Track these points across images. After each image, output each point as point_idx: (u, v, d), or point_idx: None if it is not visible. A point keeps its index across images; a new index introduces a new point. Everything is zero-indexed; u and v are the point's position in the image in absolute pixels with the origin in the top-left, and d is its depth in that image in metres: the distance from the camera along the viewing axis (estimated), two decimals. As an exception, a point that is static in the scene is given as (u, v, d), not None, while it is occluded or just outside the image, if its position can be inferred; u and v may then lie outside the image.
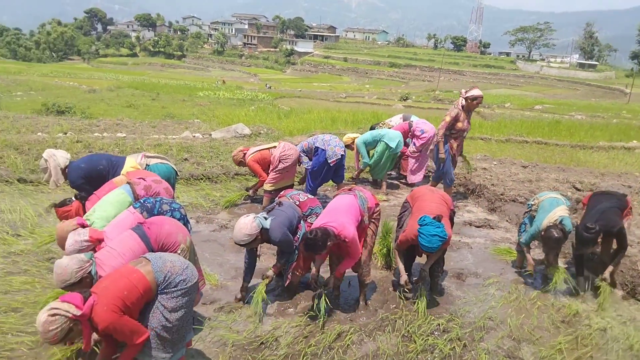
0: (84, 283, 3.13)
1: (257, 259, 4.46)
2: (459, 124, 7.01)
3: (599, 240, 4.76)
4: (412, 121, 8.51)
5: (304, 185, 7.22)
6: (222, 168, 8.45)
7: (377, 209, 4.75)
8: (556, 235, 4.67)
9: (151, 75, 59.85)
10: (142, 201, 4.11)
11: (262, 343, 3.87)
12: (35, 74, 44.07)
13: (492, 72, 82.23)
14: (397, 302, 4.58)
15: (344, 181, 7.36)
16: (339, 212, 4.26)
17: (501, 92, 50.06)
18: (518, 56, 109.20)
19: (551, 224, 4.76)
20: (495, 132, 15.08)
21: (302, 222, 4.61)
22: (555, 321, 4.40)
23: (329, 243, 3.95)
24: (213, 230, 6.07)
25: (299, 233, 4.48)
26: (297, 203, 4.72)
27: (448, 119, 6.97)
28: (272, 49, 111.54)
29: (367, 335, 4.07)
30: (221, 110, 21.27)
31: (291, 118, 17.64)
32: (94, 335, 3.01)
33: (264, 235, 4.21)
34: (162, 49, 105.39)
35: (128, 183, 4.40)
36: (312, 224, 4.46)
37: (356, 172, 8.27)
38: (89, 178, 4.82)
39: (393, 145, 7.72)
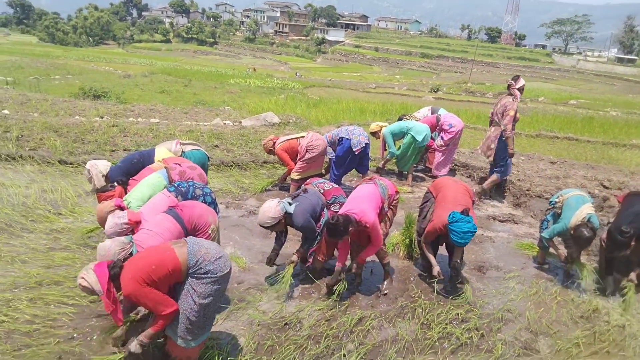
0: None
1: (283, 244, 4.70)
2: (518, 115, 7.09)
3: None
4: (439, 115, 8.54)
5: (328, 174, 7.37)
6: (251, 156, 8.66)
7: (397, 196, 4.95)
8: (587, 235, 4.70)
9: (184, 61, 60.67)
10: (176, 185, 4.34)
11: (286, 324, 4.07)
12: (73, 58, 45.24)
13: (527, 65, 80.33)
14: (416, 292, 4.71)
15: (368, 171, 7.47)
16: (361, 200, 4.45)
17: (535, 86, 48.97)
18: (554, 49, 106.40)
19: (580, 223, 4.78)
20: (527, 127, 14.91)
21: (325, 210, 4.78)
22: (574, 316, 4.47)
23: (350, 229, 4.12)
24: (242, 216, 6.29)
25: (321, 220, 4.64)
26: (322, 191, 4.88)
27: (512, 112, 6.93)
28: (303, 38, 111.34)
29: (387, 321, 4.22)
30: (251, 98, 21.56)
31: (320, 107, 17.78)
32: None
33: (287, 219, 4.40)
34: (195, 36, 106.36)
35: (165, 168, 4.64)
36: (335, 212, 4.66)
37: (382, 162, 8.36)
38: (128, 173, 5.09)
39: (420, 138, 7.78)
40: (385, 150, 8.25)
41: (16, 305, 3.94)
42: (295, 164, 6.86)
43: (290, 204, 4.43)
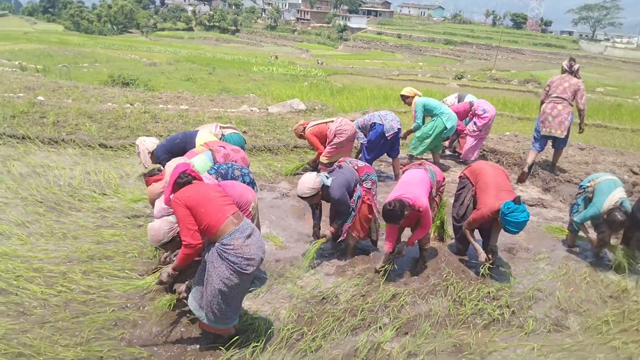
0: (174, 242, 3.59)
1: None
2: None
3: None
4: (472, 101, 8.55)
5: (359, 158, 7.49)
6: (278, 141, 8.84)
7: (444, 182, 5.12)
8: (620, 219, 4.79)
9: (206, 49, 61.03)
10: (216, 167, 4.55)
11: (323, 298, 4.27)
12: (99, 47, 45.86)
13: (553, 52, 78.66)
14: (448, 271, 4.85)
15: (398, 156, 7.56)
16: (412, 184, 4.61)
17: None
18: (581, 35, 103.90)
19: (613, 207, 4.86)
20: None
21: (358, 185, 4.94)
22: (603, 296, 4.57)
23: (405, 213, 4.29)
24: (275, 198, 6.49)
25: (354, 195, 4.81)
26: (356, 168, 5.04)
27: (584, 92, 7.38)
28: (325, 25, 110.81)
29: (420, 297, 4.38)
30: (275, 85, 21.70)
31: (344, 95, 17.82)
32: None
33: (324, 192, 4.59)
34: (217, 23, 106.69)
35: (210, 150, 4.85)
36: (368, 188, 4.91)
37: (404, 133, 8.06)
38: (170, 152, 5.32)
39: (448, 126, 7.73)
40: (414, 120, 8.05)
41: (71, 277, 4.22)
42: (325, 148, 7.01)
43: (327, 177, 4.61)
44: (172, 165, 4.48)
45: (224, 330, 3.53)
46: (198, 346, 3.58)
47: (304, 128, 7.15)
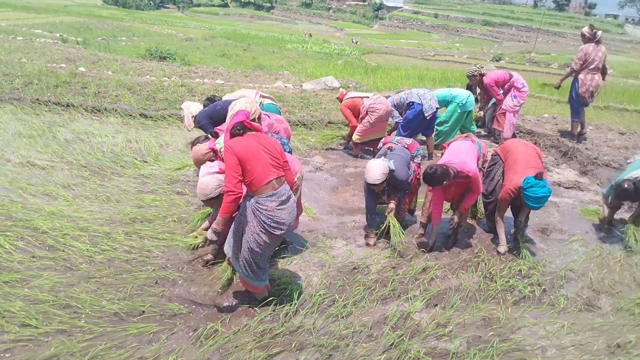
0: (220, 198, 3.71)
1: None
2: None
3: None
4: (512, 73, 8.39)
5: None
6: (312, 117, 8.88)
7: (487, 157, 5.23)
8: (625, 187, 4.84)
9: (241, 26, 61.05)
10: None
11: (354, 268, 4.36)
12: (136, 21, 46.43)
13: (597, 35, 75.61)
14: (479, 248, 4.86)
15: (433, 134, 7.52)
16: (460, 153, 4.67)
17: (604, 57, 46.28)
18: (627, 19, 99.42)
19: (627, 178, 4.89)
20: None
21: (411, 162, 4.99)
22: (637, 279, 4.53)
23: (444, 182, 4.36)
24: (309, 171, 6.58)
25: (410, 172, 4.85)
26: (405, 146, 5.07)
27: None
28: (360, 3, 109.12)
29: (451, 272, 4.43)
30: (309, 62, 21.65)
31: (378, 74, 17.65)
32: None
33: (389, 175, 4.57)
34: (252, 0, 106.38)
35: None
36: (419, 163, 5.00)
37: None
38: (211, 117, 5.47)
39: (464, 101, 7.65)
40: None
41: (115, 237, 4.42)
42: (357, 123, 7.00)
43: (389, 160, 4.62)
44: (235, 109, 4.60)
45: (257, 289, 3.67)
46: (234, 304, 3.73)
47: (343, 96, 7.15)
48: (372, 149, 7.21)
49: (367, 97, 6.99)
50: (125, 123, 7.61)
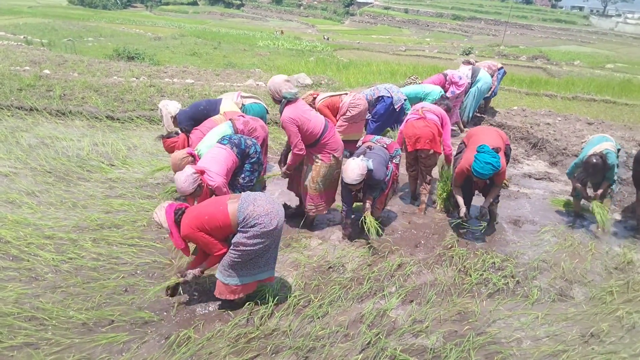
0: (198, 192, 3.89)
1: None
2: None
3: None
4: (446, 71, 8.49)
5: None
6: (285, 115, 8.77)
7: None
8: (594, 161, 4.93)
9: (211, 24, 60.30)
10: (228, 137, 4.59)
11: (330, 267, 4.33)
12: (103, 21, 45.44)
13: (563, 28, 77.13)
14: (453, 242, 4.88)
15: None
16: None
17: (571, 49, 47.14)
18: (592, 11, 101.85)
19: (592, 153, 5.00)
20: (562, 90, 14.56)
21: (389, 162, 4.94)
22: (608, 267, 4.61)
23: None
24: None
25: (387, 172, 4.81)
26: (385, 146, 5.04)
27: None
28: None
29: (426, 267, 4.43)
30: (281, 60, 21.53)
31: (350, 70, 17.65)
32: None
33: (367, 175, 4.51)
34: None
35: (230, 120, 4.89)
36: (397, 164, 4.97)
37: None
38: (194, 119, 5.34)
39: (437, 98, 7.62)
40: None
41: (81, 245, 4.29)
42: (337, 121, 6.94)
43: (367, 160, 4.56)
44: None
45: (232, 290, 3.59)
46: (207, 311, 3.65)
47: (314, 99, 7.06)
48: (348, 152, 7.16)
49: (346, 94, 6.94)
50: (92, 126, 7.41)
